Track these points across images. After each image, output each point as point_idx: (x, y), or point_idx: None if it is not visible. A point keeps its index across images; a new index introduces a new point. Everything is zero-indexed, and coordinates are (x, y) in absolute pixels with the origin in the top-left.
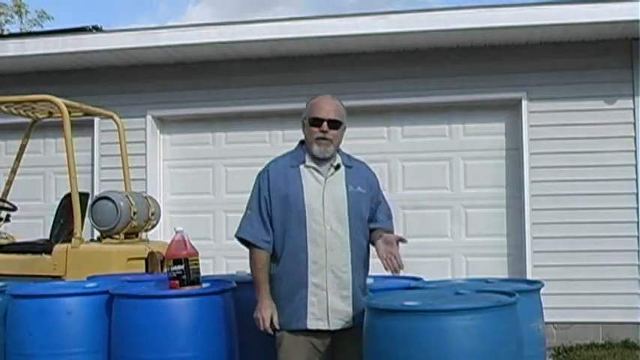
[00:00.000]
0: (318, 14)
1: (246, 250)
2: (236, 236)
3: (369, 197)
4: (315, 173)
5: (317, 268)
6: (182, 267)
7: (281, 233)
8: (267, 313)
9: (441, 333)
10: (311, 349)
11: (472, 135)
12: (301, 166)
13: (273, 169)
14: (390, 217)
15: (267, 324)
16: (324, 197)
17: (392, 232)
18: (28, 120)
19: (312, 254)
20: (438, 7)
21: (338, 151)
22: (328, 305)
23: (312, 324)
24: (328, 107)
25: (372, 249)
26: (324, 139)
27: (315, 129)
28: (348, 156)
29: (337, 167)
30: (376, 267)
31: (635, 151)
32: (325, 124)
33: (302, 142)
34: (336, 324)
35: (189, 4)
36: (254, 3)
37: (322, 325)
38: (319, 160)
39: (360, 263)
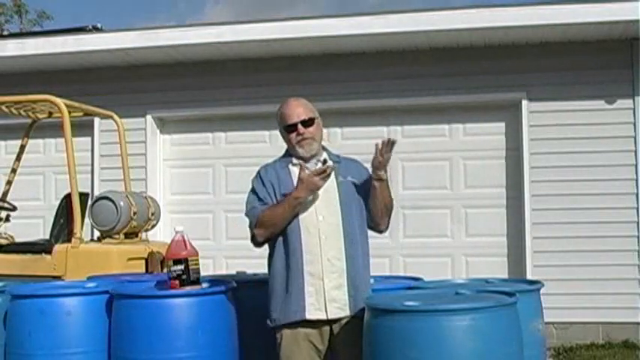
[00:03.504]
0: (318, 14)
1: (246, 249)
2: (246, 214)
3: (361, 185)
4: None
5: (312, 258)
6: (182, 267)
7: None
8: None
9: (441, 333)
10: (310, 345)
11: (472, 135)
12: (290, 166)
13: (264, 172)
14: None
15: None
16: None
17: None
18: (28, 120)
19: (307, 245)
20: (438, 7)
21: (323, 148)
22: (325, 294)
23: (311, 314)
24: (296, 110)
25: (371, 245)
26: (304, 138)
27: (292, 134)
28: (337, 155)
29: (324, 162)
30: (375, 267)
31: (635, 151)
32: (300, 125)
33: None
34: (334, 313)
35: (208, 4)
36: (273, 3)
37: (321, 315)
38: (306, 159)
39: (357, 251)
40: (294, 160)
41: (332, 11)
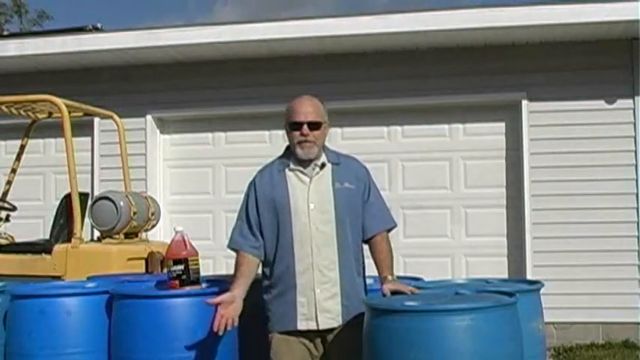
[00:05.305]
0: (318, 14)
1: None
2: (228, 247)
3: (359, 192)
4: (300, 175)
5: (304, 268)
6: (182, 267)
7: (271, 238)
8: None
9: (441, 333)
10: (304, 349)
11: (472, 135)
12: (286, 170)
13: (260, 177)
14: (382, 216)
15: (223, 324)
16: (309, 197)
17: (389, 228)
18: (28, 120)
19: (299, 255)
20: (438, 7)
21: (324, 148)
22: (317, 305)
23: (302, 324)
24: (306, 109)
25: (366, 247)
26: (306, 141)
27: (296, 133)
28: (336, 153)
29: (322, 166)
30: (375, 267)
31: (635, 151)
32: (305, 127)
33: (288, 147)
34: (325, 323)
35: (218, 4)
36: (282, 3)
37: (312, 325)
38: (303, 162)
39: (350, 260)
40: (292, 165)
41: (339, 12)
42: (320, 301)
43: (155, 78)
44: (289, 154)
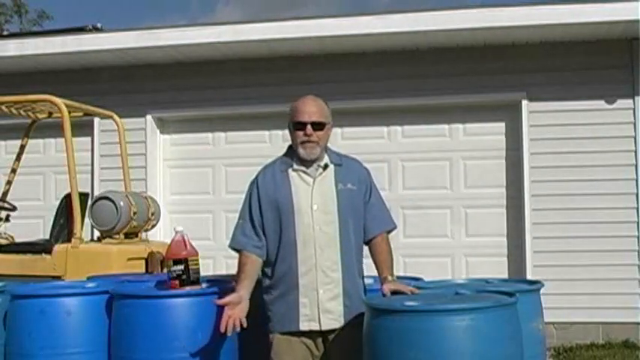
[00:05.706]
0: (318, 14)
1: None
2: (229, 247)
3: (361, 193)
4: (304, 175)
5: (306, 269)
6: (182, 267)
7: (273, 238)
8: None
9: (441, 333)
10: (305, 349)
11: (472, 135)
12: (289, 170)
13: (262, 176)
14: (382, 218)
15: (230, 324)
16: (312, 198)
17: (389, 229)
18: (28, 120)
19: (302, 255)
20: (438, 7)
21: (326, 150)
22: (319, 305)
23: (304, 325)
24: (310, 109)
25: (366, 248)
26: (309, 141)
27: (300, 132)
28: (338, 154)
29: (325, 167)
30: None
31: (635, 151)
32: (309, 127)
33: (291, 147)
34: (327, 324)
35: (219, 5)
36: (283, 3)
37: (314, 326)
38: (306, 162)
39: (352, 261)
40: (295, 166)
41: (340, 12)
42: (323, 301)
43: (155, 78)
44: (292, 153)
